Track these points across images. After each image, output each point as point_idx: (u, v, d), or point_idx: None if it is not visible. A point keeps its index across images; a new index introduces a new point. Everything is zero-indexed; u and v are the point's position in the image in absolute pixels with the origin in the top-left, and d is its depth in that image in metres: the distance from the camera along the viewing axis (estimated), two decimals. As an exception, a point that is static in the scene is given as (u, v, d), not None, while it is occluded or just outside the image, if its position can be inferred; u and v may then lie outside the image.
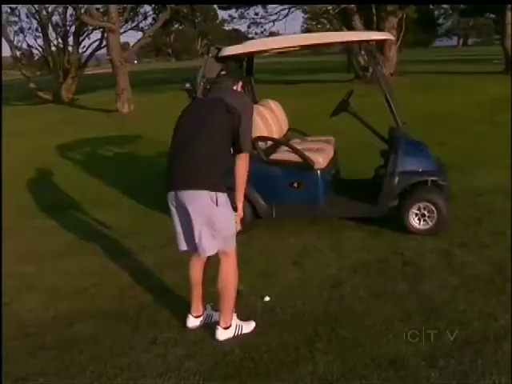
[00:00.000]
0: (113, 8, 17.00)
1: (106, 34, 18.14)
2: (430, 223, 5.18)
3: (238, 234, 3.66)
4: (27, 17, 26.84)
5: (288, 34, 32.91)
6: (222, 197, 3.37)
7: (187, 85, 5.13)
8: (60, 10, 24.73)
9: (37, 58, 27.19)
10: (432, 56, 43.09)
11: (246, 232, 5.33)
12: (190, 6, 29.30)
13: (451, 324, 3.58)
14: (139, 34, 20.85)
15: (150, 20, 27.64)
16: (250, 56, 6.19)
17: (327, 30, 25.56)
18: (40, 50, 27.11)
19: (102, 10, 20.24)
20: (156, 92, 23.81)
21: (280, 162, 5.40)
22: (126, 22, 26.38)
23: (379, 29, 20.87)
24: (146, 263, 5.16)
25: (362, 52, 21.65)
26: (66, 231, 6.34)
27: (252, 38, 31.43)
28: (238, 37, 47.45)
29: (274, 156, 5.51)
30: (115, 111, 17.98)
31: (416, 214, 5.20)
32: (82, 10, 19.61)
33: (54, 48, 26.01)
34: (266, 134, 5.55)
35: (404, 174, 5.19)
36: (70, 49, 25.92)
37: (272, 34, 40.75)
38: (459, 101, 14.78)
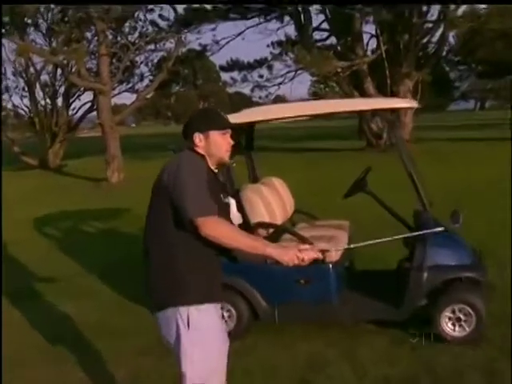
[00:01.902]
0: (104, 68, 17.00)
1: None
2: (467, 329, 4.63)
3: (232, 340, 3.07)
4: (13, 75, 26.79)
5: (294, 98, 33.26)
6: (196, 312, 2.71)
7: (171, 146, 4.67)
8: (49, 68, 24.80)
9: (23, 118, 27.06)
10: (449, 121, 43.36)
11: (241, 339, 4.87)
12: (191, 68, 29.56)
13: None
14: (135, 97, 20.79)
15: (146, 81, 27.77)
16: (250, 126, 5.80)
17: (336, 94, 25.61)
18: (26, 110, 27.12)
19: (94, 70, 20.31)
20: (149, 159, 23.68)
21: None
22: (121, 83, 26.50)
23: (393, 92, 20.83)
24: (116, 376, 4.53)
25: (376, 118, 21.79)
26: (25, 329, 5.76)
27: (256, 103, 31.63)
28: (241, 100, 47.95)
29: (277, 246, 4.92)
30: (104, 180, 17.80)
31: (450, 318, 4.66)
32: (72, 69, 19.62)
33: (41, 109, 26.01)
34: (267, 220, 5.10)
35: (434, 270, 4.67)
36: (60, 110, 25.90)
37: (278, 98, 41.13)
38: (483, 172, 14.40)
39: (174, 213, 2.67)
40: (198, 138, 2.87)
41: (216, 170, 2.98)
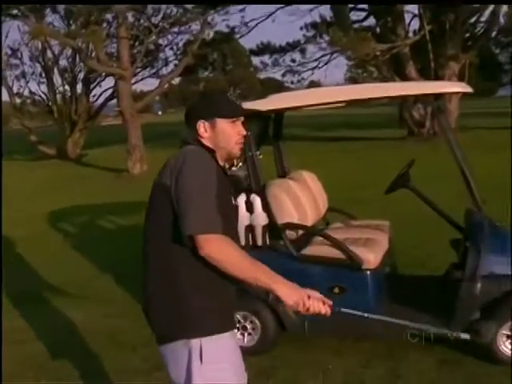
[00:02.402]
0: (124, 52, 16.83)
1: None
2: (527, 349, 4.25)
3: (254, 354, 2.81)
4: (30, 59, 26.85)
5: (329, 83, 32.76)
6: (210, 344, 2.39)
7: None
8: (68, 53, 24.80)
9: (40, 106, 27.18)
10: (497, 107, 42.32)
11: (266, 353, 4.64)
12: (220, 52, 29.39)
13: None
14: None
15: (172, 66, 27.68)
16: (279, 114, 5.49)
17: (375, 79, 25.17)
18: (44, 97, 27.20)
19: (115, 55, 20.17)
20: (174, 148, 23.49)
21: (315, 259, 4.62)
22: (144, 68, 26.43)
23: (437, 77, 20.27)
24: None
25: (417, 105, 21.27)
26: (25, 338, 5.54)
27: (288, 88, 31.27)
28: (273, 86, 47.66)
29: (307, 250, 4.72)
30: (125, 171, 17.72)
31: (508, 337, 4.27)
32: (92, 54, 19.52)
33: (60, 96, 26.06)
34: (296, 220, 4.79)
35: (489, 279, 4.27)
36: (79, 97, 25.91)
37: (311, 84, 40.66)
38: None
39: (178, 220, 2.36)
40: (203, 127, 2.56)
41: (223, 164, 2.66)
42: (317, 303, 2.39)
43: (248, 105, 4.55)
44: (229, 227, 2.43)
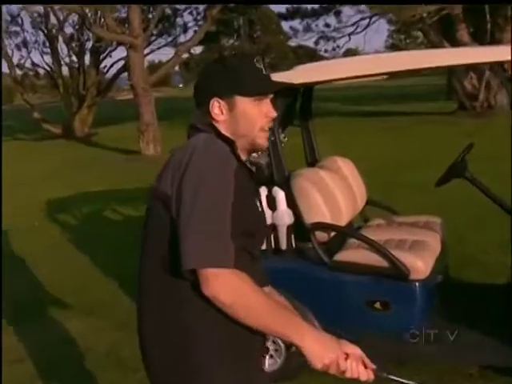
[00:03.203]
0: (134, 16, 16.55)
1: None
2: None
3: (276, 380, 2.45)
4: (32, 27, 26.72)
5: (368, 51, 32.14)
6: None
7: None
8: (74, 19, 24.60)
9: (44, 79, 27.12)
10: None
11: (291, 379, 4.38)
12: (246, 18, 29.12)
13: None
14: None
15: (191, 33, 27.43)
16: (308, 87, 5.13)
17: (420, 45, 24.68)
18: (48, 69, 27.05)
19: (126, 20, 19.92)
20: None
21: (351, 267, 4.32)
22: (160, 35, 26.18)
23: (494, 41, 19.67)
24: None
25: (470, 74, 20.71)
26: (14, 356, 5.29)
27: (322, 57, 30.79)
28: (305, 55, 47.24)
29: (341, 256, 4.41)
30: (137, 153, 17.64)
31: None
32: (101, 20, 19.29)
33: (65, 68, 26.02)
34: (328, 219, 4.43)
35: None
36: (88, 69, 25.80)
37: (348, 52, 40.00)
38: None
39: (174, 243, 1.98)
40: (218, 108, 2.13)
41: (246, 158, 2.23)
42: (355, 366, 1.98)
43: (275, 77, 4.16)
44: (250, 247, 2.09)
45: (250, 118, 2.13)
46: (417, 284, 4.13)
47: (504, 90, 20.56)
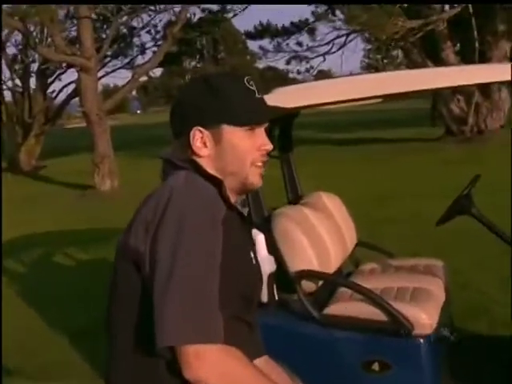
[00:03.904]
0: (86, 36, 16.48)
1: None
2: None
3: None
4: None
5: (344, 73, 32.47)
6: None
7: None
8: (18, 38, 24.46)
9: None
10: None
11: None
12: (210, 37, 29.23)
13: None
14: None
15: (150, 54, 27.52)
16: (290, 114, 4.98)
17: (399, 66, 24.99)
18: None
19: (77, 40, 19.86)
20: (154, 158, 23.42)
21: (344, 322, 4.16)
22: (116, 57, 26.16)
23: (482, 59, 19.89)
24: None
25: (457, 96, 20.90)
26: None
27: (294, 80, 30.93)
28: (275, 78, 47.68)
29: (331, 309, 4.24)
30: (92, 188, 17.56)
31: None
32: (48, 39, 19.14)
33: (8, 92, 25.84)
34: (315, 265, 4.28)
35: None
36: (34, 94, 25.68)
37: (322, 74, 40.26)
38: None
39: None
40: (201, 139, 1.94)
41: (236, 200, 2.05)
42: None
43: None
44: (246, 314, 1.92)
45: (240, 152, 1.95)
46: (421, 340, 3.97)
47: (496, 112, 20.75)
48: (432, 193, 10.35)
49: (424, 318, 3.98)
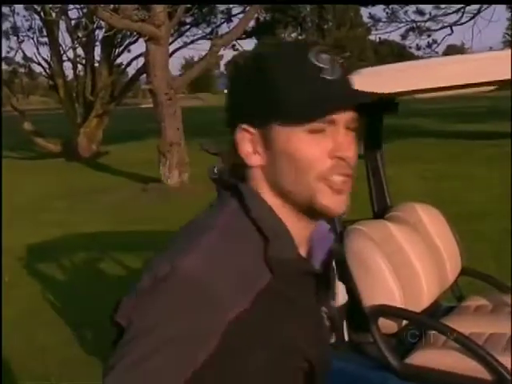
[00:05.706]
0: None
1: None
2: None
3: None
4: (26, 9, 27.07)
5: (479, 49, 31.72)
6: None
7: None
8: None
9: (39, 79, 27.41)
10: None
11: None
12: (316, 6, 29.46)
13: None
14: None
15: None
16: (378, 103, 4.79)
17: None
18: (45, 65, 27.39)
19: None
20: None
21: (431, 374, 4.06)
22: (196, 25, 26.31)
23: None
24: None
25: None
26: None
27: (412, 56, 30.68)
28: (390, 53, 47.52)
29: (416, 357, 4.14)
30: (157, 181, 17.77)
31: None
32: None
33: (68, 64, 26.36)
34: (398, 301, 4.18)
35: None
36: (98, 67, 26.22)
37: (450, 49, 39.81)
38: None
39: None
40: (249, 143, 1.65)
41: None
42: None
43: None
44: None
45: (300, 161, 1.60)
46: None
47: None
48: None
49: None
